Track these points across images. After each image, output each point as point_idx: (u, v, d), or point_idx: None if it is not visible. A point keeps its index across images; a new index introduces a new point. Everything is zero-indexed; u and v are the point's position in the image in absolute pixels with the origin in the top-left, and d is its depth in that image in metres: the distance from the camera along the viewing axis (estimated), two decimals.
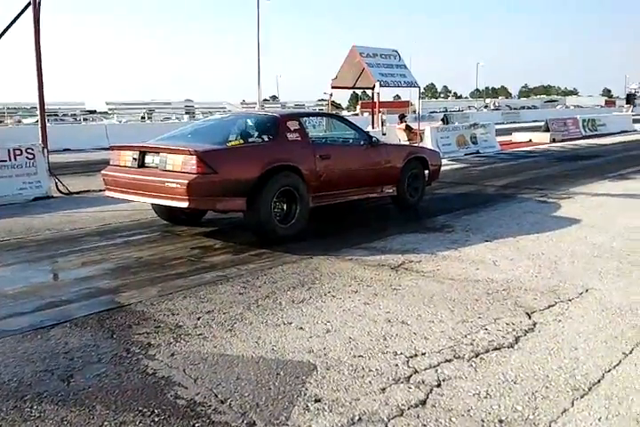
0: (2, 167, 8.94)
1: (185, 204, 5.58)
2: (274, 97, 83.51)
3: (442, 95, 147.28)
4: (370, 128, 16.26)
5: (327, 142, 7.52)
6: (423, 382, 2.94)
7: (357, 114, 43.71)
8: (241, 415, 2.63)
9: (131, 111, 47.29)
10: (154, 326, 3.72)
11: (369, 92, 18.79)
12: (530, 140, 20.97)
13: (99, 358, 3.26)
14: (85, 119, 42.20)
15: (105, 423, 2.57)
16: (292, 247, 5.75)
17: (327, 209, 7.20)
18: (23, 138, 12.09)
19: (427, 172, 8.36)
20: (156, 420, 2.59)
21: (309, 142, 6.69)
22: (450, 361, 3.18)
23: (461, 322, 3.76)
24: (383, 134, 14.99)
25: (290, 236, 6.08)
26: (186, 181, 5.46)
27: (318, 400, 2.76)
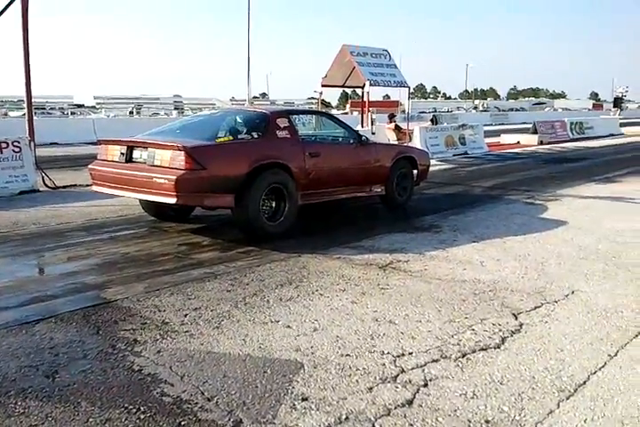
0: None
1: (173, 200, 5.54)
2: (263, 94, 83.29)
3: (431, 96, 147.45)
4: (359, 127, 16.29)
5: (317, 140, 7.50)
6: (410, 381, 2.95)
7: (347, 113, 43.71)
8: (227, 413, 2.62)
9: (119, 106, 47.12)
10: (140, 323, 3.70)
11: (359, 91, 18.82)
12: (518, 141, 21.07)
13: (84, 354, 3.23)
14: (73, 113, 41.95)
15: (90, 420, 2.55)
16: (280, 245, 5.73)
17: (316, 207, 7.19)
18: (9, 131, 11.97)
19: (415, 171, 8.38)
20: (142, 417, 2.57)
21: (299, 140, 6.67)
22: (437, 361, 3.19)
23: (448, 322, 3.77)
24: (372, 133, 14.99)
25: (278, 233, 6.07)
26: (174, 177, 5.42)
27: (305, 399, 2.75)
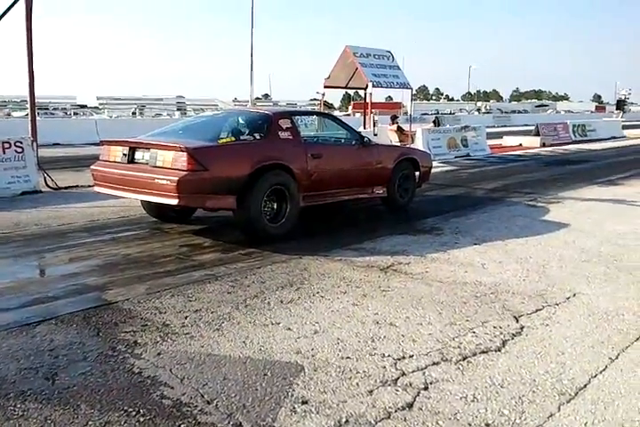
0: None
1: (174, 201, 5.54)
2: (266, 95, 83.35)
3: (434, 97, 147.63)
4: (361, 128, 16.27)
5: (319, 141, 7.49)
6: (411, 384, 2.94)
7: (349, 114, 43.75)
8: (227, 416, 2.61)
9: (122, 107, 47.19)
10: (141, 325, 3.69)
11: (361, 92, 18.79)
12: (520, 144, 21.07)
13: (84, 356, 3.22)
14: (76, 114, 42.01)
15: (89, 423, 2.54)
16: (282, 247, 5.73)
17: (317, 209, 7.19)
18: (12, 131, 11.98)
19: (417, 173, 8.37)
20: (142, 420, 2.57)
21: (301, 141, 6.67)
22: (437, 364, 3.18)
23: (449, 325, 3.77)
24: (375, 135, 14.96)
25: (279, 235, 6.06)
26: (176, 178, 5.42)
27: (305, 402, 2.75)
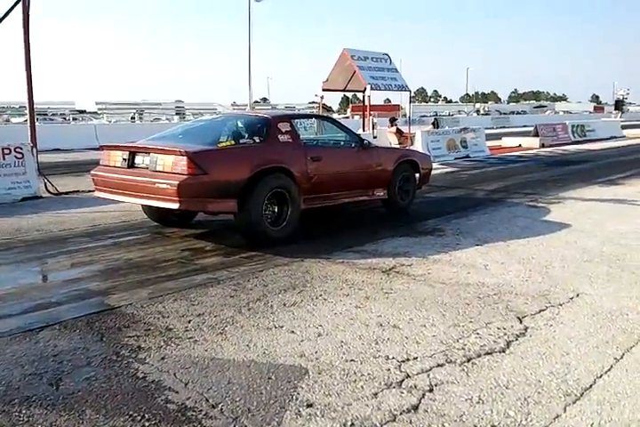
0: None
1: (175, 205, 5.54)
2: (264, 99, 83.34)
3: (432, 99, 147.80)
4: (361, 131, 16.27)
5: (319, 144, 7.50)
6: (415, 386, 2.93)
7: (348, 117, 43.87)
8: (232, 420, 2.60)
9: (121, 111, 47.21)
10: (144, 329, 3.69)
11: (360, 95, 18.84)
12: (519, 144, 21.09)
13: (88, 361, 3.22)
14: (75, 119, 42.03)
15: None
16: (283, 250, 5.72)
17: (318, 212, 7.19)
18: (12, 137, 11.96)
19: (417, 175, 8.37)
20: (147, 425, 2.56)
21: (301, 144, 6.67)
22: (442, 366, 3.17)
23: (453, 326, 3.76)
24: (374, 137, 14.96)
25: (281, 238, 6.06)
26: (176, 182, 5.42)
27: (310, 405, 2.74)
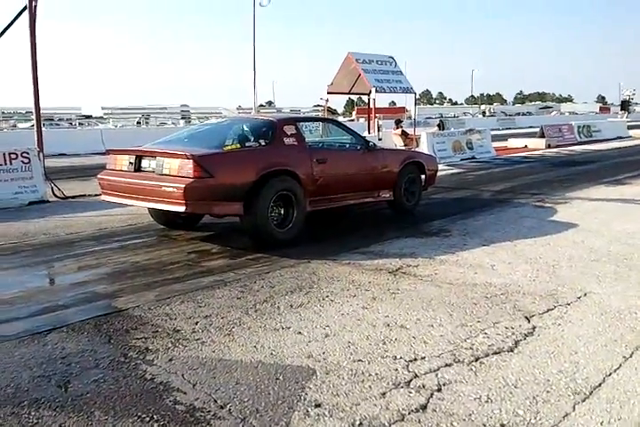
0: None
1: (182, 208, 5.56)
2: (269, 102, 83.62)
3: (437, 101, 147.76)
4: (366, 133, 16.31)
5: (324, 147, 7.51)
6: (423, 386, 2.93)
7: (353, 119, 43.83)
8: (241, 421, 2.61)
9: (126, 116, 47.40)
10: (152, 331, 3.70)
11: (365, 97, 18.85)
12: (525, 145, 21.05)
13: (96, 363, 3.23)
14: (81, 124, 42.22)
15: None
16: (290, 252, 5.73)
17: (324, 213, 7.19)
18: (18, 142, 12.03)
19: (423, 176, 8.36)
20: (156, 426, 2.56)
21: (306, 147, 6.69)
22: (450, 365, 3.17)
23: (460, 326, 3.75)
24: (379, 139, 15.02)
25: (287, 240, 6.06)
26: (182, 185, 5.44)
27: (318, 405, 2.74)
